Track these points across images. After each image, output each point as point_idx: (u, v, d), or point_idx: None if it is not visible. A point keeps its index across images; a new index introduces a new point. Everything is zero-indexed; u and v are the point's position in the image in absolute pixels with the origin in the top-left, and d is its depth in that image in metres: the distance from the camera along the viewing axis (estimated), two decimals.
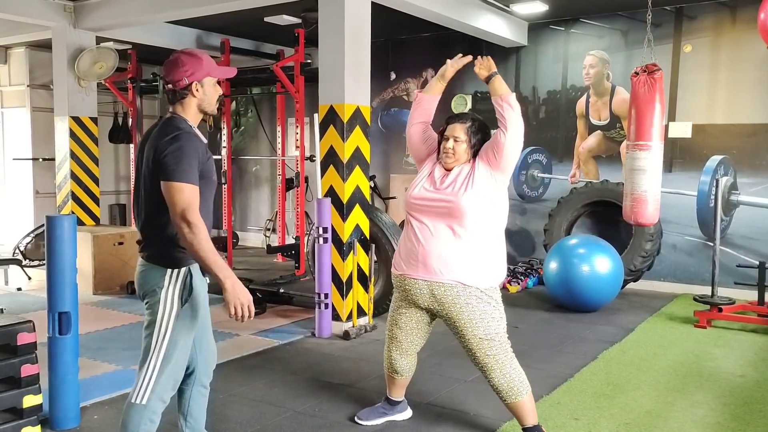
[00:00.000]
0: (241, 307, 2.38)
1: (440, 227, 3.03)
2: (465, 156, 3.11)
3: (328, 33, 5.21)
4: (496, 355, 3.04)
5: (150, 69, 9.61)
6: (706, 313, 5.51)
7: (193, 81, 2.49)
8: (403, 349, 3.33)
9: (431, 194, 3.07)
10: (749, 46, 6.47)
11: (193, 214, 2.35)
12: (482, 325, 3.02)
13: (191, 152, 2.40)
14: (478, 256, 3.01)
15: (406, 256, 3.13)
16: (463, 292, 3.01)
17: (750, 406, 3.74)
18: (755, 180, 6.60)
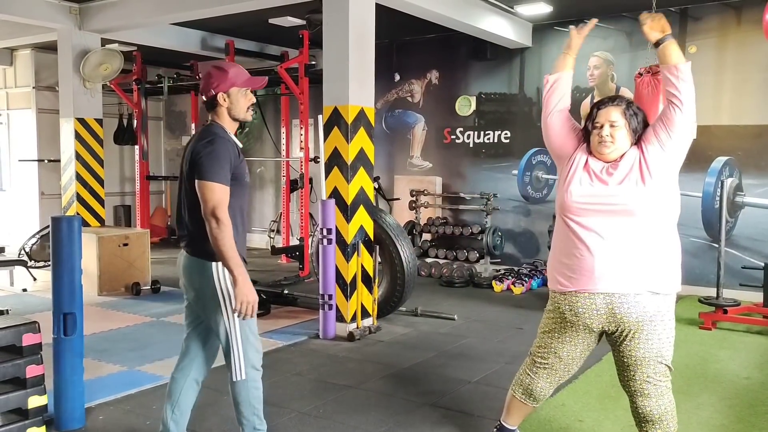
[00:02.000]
0: (246, 305, 2.61)
1: (614, 228, 2.52)
2: (626, 142, 2.60)
3: (332, 34, 5.21)
4: (659, 382, 2.65)
5: (155, 70, 9.65)
6: (711, 315, 5.50)
7: (219, 92, 2.73)
8: (555, 377, 2.84)
9: (599, 191, 2.55)
10: (754, 47, 6.45)
11: (221, 211, 2.58)
12: (657, 346, 2.61)
13: (224, 155, 2.64)
14: (662, 257, 2.58)
15: (570, 269, 2.61)
16: (651, 303, 2.56)
17: (755, 408, 3.73)
18: (761, 181, 6.58)
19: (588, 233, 2.56)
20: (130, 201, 10.67)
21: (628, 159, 2.59)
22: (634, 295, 2.53)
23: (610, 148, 2.59)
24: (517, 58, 7.88)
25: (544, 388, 2.86)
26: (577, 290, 2.61)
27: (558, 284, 2.68)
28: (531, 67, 7.84)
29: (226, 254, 2.58)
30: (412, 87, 8.66)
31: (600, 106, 2.67)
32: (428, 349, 4.87)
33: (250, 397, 2.83)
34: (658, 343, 2.61)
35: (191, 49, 8.50)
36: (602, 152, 2.61)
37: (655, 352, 2.61)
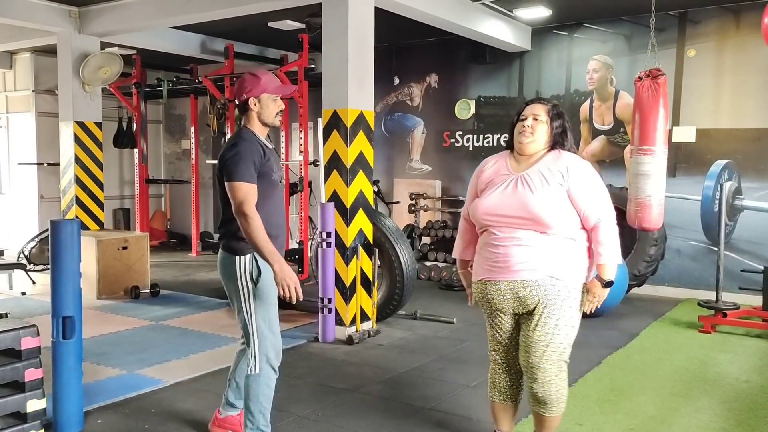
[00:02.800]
0: (288, 287, 2.78)
1: (521, 224, 2.72)
2: (544, 139, 2.80)
3: (331, 38, 5.22)
4: (547, 370, 2.79)
5: (154, 74, 9.66)
6: (711, 318, 5.49)
7: (250, 97, 2.96)
8: (514, 368, 2.99)
9: (504, 199, 2.76)
10: (753, 50, 6.46)
11: (248, 207, 2.81)
12: (552, 333, 2.77)
13: (247, 155, 2.87)
14: (566, 252, 2.74)
15: (484, 260, 2.84)
16: (551, 288, 2.72)
17: (755, 412, 3.73)
18: (760, 184, 6.58)
19: (498, 228, 2.77)
20: (129, 204, 10.67)
21: (540, 165, 2.77)
22: (535, 280, 2.73)
23: (529, 138, 2.79)
24: (517, 62, 7.89)
25: (503, 382, 3.02)
26: (484, 279, 2.84)
27: (474, 275, 2.93)
28: (530, 71, 7.85)
29: (259, 245, 2.78)
30: (412, 90, 8.67)
31: (528, 103, 2.89)
32: (427, 352, 4.87)
33: (260, 393, 2.97)
34: (554, 330, 2.77)
35: (191, 52, 8.51)
36: (522, 141, 2.81)
37: (549, 337, 2.77)
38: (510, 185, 2.77)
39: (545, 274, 2.72)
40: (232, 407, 3.29)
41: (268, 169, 2.95)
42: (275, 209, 3.01)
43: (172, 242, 10.56)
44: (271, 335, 2.99)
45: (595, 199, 2.76)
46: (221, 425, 3.31)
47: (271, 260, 2.78)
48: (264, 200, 2.92)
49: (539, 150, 2.81)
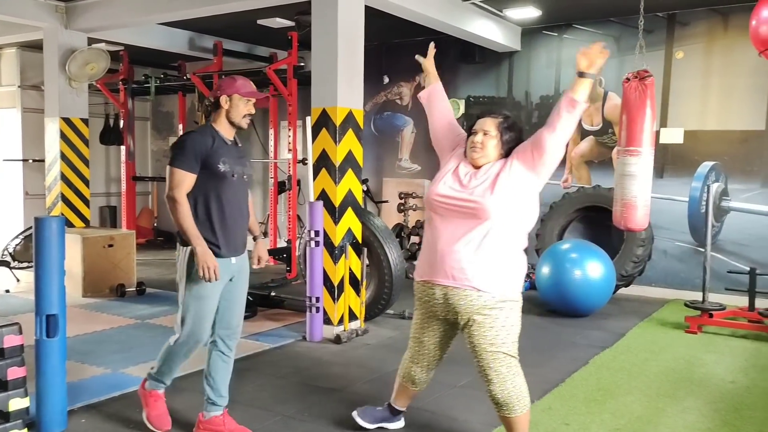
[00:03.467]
0: (207, 269, 3.00)
1: (461, 229, 2.80)
2: (494, 153, 2.88)
3: (321, 36, 5.20)
4: (498, 368, 2.88)
5: (142, 70, 9.59)
6: (697, 319, 5.52)
7: (222, 94, 3.17)
8: (424, 362, 3.18)
9: (456, 193, 2.84)
10: (741, 52, 6.50)
11: (177, 193, 3.02)
12: (490, 334, 2.85)
13: (191, 145, 3.07)
14: (498, 262, 2.81)
15: (426, 262, 2.94)
16: (477, 298, 2.81)
17: (740, 412, 3.75)
18: (746, 186, 6.63)
19: (440, 230, 2.87)
20: (115, 202, 10.58)
21: (492, 169, 2.86)
22: (464, 289, 2.82)
23: (479, 153, 2.89)
24: (506, 62, 7.90)
25: (417, 373, 3.21)
26: (423, 280, 2.96)
27: (417, 275, 3.03)
28: (520, 71, 7.86)
29: (184, 228, 3.02)
30: (401, 89, 8.66)
31: (481, 116, 2.98)
32: None
33: (166, 355, 3.26)
34: (492, 333, 2.85)
35: (179, 49, 8.45)
36: (472, 156, 2.91)
37: (489, 341, 2.86)
38: (466, 177, 2.88)
39: (470, 285, 2.81)
40: (215, 406, 3.31)
41: (215, 161, 3.08)
42: (227, 203, 3.14)
43: (159, 240, 10.49)
44: (196, 327, 3.15)
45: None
46: (206, 428, 3.30)
47: (193, 243, 3.01)
48: (212, 192, 3.10)
49: (489, 161, 2.91)
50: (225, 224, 3.13)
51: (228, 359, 3.33)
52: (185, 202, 3.03)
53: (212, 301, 3.15)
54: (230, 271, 3.19)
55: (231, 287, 3.23)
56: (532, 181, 2.83)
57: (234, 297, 3.27)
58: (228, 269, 3.16)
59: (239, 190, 3.21)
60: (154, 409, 3.37)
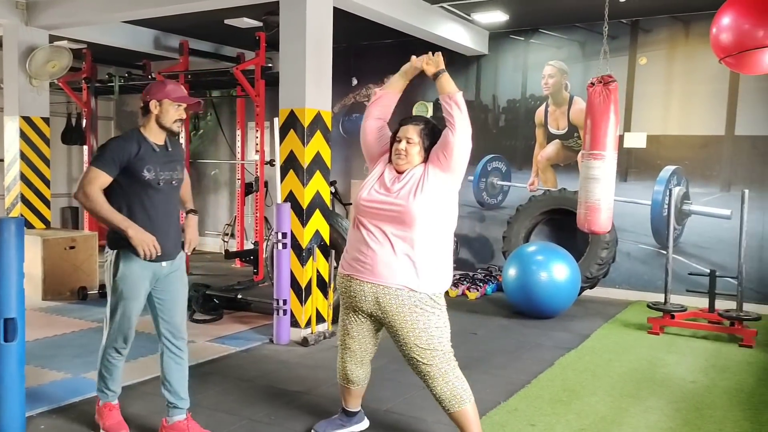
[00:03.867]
0: (146, 247, 3.02)
1: (389, 231, 2.94)
2: (417, 158, 3.01)
3: (289, 37, 5.17)
4: (438, 365, 2.97)
5: (106, 69, 9.41)
6: (659, 320, 5.63)
7: (152, 99, 3.14)
8: (357, 358, 3.24)
9: (382, 197, 2.98)
10: (702, 59, 6.65)
11: (90, 188, 3.03)
12: (425, 335, 2.95)
13: (114, 148, 3.07)
14: (426, 261, 2.93)
15: (353, 258, 3.05)
16: (408, 298, 2.92)
17: (701, 412, 3.83)
18: (706, 190, 6.78)
19: (368, 232, 2.98)
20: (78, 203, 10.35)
21: (413, 173, 2.98)
22: (395, 288, 2.92)
23: (403, 160, 3.01)
24: (474, 65, 7.96)
25: (353, 371, 3.25)
26: (351, 275, 3.03)
27: (342, 268, 3.11)
28: (487, 75, 7.92)
29: (107, 218, 3.04)
30: (370, 91, 8.65)
31: (403, 123, 3.08)
32: (382, 354, 4.82)
33: (101, 365, 3.31)
34: (426, 332, 2.95)
35: (144, 48, 8.32)
36: (396, 163, 3.03)
37: (424, 340, 2.95)
38: (391, 182, 3.00)
39: (402, 284, 2.91)
40: (177, 409, 3.31)
41: (139, 168, 3.07)
42: (154, 210, 3.14)
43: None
44: (122, 326, 3.20)
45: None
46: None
47: (123, 227, 3.02)
48: (137, 199, 3.11)
49: (413, 166, 3.02)
50: (153, 231, 3.10)
51: (181, 360, 3.33)
52: (100, 197, 3.05)
53: (138, 303, 3.18)
54: (161, 275, 3.21)
55: (167, 288, 3.25)
56: (448, 180, 2.96)
57: (172, 297, 3.28)
58: (158, 273, 3.20)
59: (168, 197, 3.22)
60: (109, 419, 3.37)
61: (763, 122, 6.49)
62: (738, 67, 4.27)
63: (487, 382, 3.13)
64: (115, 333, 3.23)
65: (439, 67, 3.04)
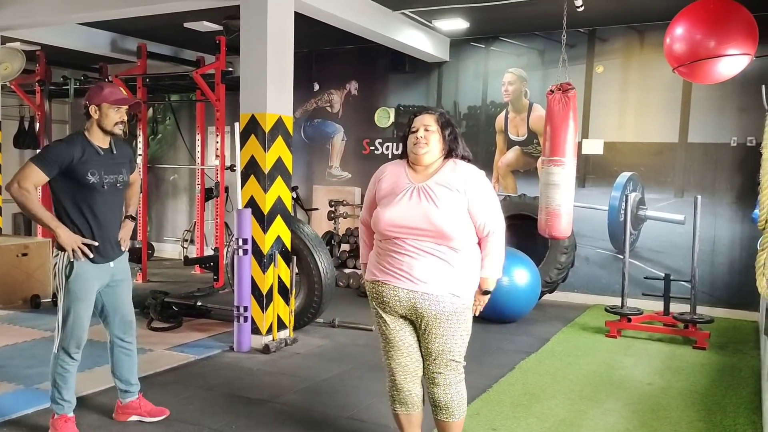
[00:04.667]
0: (75, 247, 3.13)
1: (425, 241, 2.75)
2: (438, 147, 2.84)
3: (250, 41, 5.12)
4: (447, 375, 2.87)
5: (60, 72, 9.19)
6: (617, 323, 5.74)
7: (91, 104, 3.22)
8: (410, 371, 2.94)
9: (405, 211, 2.77)
10: (656, 68, 6.83)
11: (26, 182, 3.09)
12: (460, 341, 2.85)
13: (54, 151, 3.15)
14: (465, 265, 2.80)
15: (385, 265, 2.83)
16: (451, 305, 2.77)
17: (657, 413, 3.91)
18: (661, 196, 6.95)
19: (400, 244, 2.78)
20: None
21: (441, 182, 2.80)
22: (437, 296, 2.76)
23: (424, 149, 2.82)
24: (435, 72, 8.02)
25: (411, 390, 2.97)
26: (383, 281, 2.84)
27: (371, 275, 2.91)
28: (449, 81, 7.99)
29: (36, 214, 3.14)
30: (332, 97, 8.64)
31: (417, 114, 2.92)
32: (345, 360, 4.84)
33: (55, 373, 3.29)
34: (451, 341, 2.83)
35: (100, 50, 8.14)
36: (417, 152, 2.83)
37: (447, 347, 2.83)
38: (413, 196, 2.79)
39: (447, 291, 2.76)
40: (128, 393, 3.56)
41: (83, 171, 3.15)
42: (99, 212, 3.23)
43: None
44: (76, 328, 3.23)
45: (490, 212, 2.83)
46: (124, 411, 3.58)
47: (52, 227, 3.11)
48: (83, 202, 3.18)
49: (435, 159, 2.86)
50: (99, 232, 3.23)
51: (130, 352, 3.53)
52: (34, 193, 3.13)
53: (89, 303, 3.26)
54: (109, 274, 3.33)
55: (114, 289, 3.38)
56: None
57: (120, 297, 3.42)
58: (107, 273, 3.31)
59: (112, 198, 3.31)
60: (65, 430, 3.32)
61: (715, 130, 6.69)
62: (691, 77, 4.39)
63: None
64: (69, 337, 3.24)
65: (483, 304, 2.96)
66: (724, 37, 3.99)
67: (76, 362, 3.32)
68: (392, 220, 2.78)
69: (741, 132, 6.57)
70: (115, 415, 3.59)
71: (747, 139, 6.54)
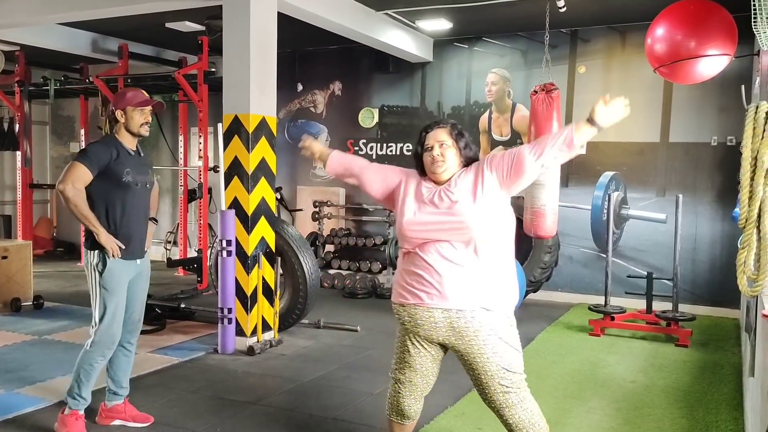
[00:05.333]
0: (114, 248, 3.25)
1: (449, 249, 2.60)
2: (455, 162, 2.69)
3: (233, 42, 5.09)
4: (519, 390, 2.67)
5: (40, 72, 9.10)
6: (600, 322, 5.78)
7: (117, 109, 3.39)
8: (418, 392, 2.87)
9: (430, 216, 2.64)
10: (637, 68, 6.88)
11: (80, 184, 3.21)
12: (508, 356, 2.64)
13: (95, 151, 3.28)
14: (496, 276, 2.64)
15: (412, 284, 2.67)
16: (486, 320, 2.60)
17: (640, 410, 3.94)
18: (643, 195, 7.02)
19: (425, 255, 2.62)
20: (10, 210, 9.95)
21: (464, 181, 2.67)
22: (470, 311, 2.59)
23: (442, 167, 2.67)
24: (419, 72, 8.02)
25: (411, 405, 2.89)
26: (416, 303, 2.66)
27: (400, 297, 2.73)
28: (432, 81, 8.00)
29: (84, 214, 3.22)
30: (315, 97, 8.62)
31: (428, 130, 2.76)
32: (331, 361, 4.82)
33: (81, 367, 3.34)
34: (502, 355, 2.63)
35: (81, 51, 8.06)
36: (436, 171, 2.68)
37: (498, 363, 2.63)
38: (435, 197, 2.67)
39: (478, 305, 2.59)
40: (116, 395, 3.56)
41: (119, 171, 3.30)
42: (132, 211, 3.38)
43: (58, 251, 9.94)
44: (111, 324, 3.32)
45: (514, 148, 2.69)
46: (108, 416, 3.56)
47: (95, 227, 3.23)
48: (117, 201, 3.32)
49: (454, 173, 2.71)
50: (129, 230, 3.36)
51: (130, 354, 3.58)
52: (84, 194, 3.23)
53: (123, 297, 3.37)
54: (137, 271, 3.45)
55: (134, 286, 3.47)
56: (502, 193, 2.68)
57: (136, 295, 3.50)
58: (135, 269, 3.43)
59: (142, 198, 3.47)
60: (74, 428, 3.37)
61: (696, 130, 6.76)
62: (672, 77, 4.43)
63: (435, 387, 3.11)
64: (105, 336, 3.32)
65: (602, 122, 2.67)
66: (704, 37, 4.04)
67: (106, 360, 3.40)
68: (413, 221, 2.67)
69: (721, 131, 6.65)
70: (98, 419, 3.56)
71: (727, 139, 6.62)
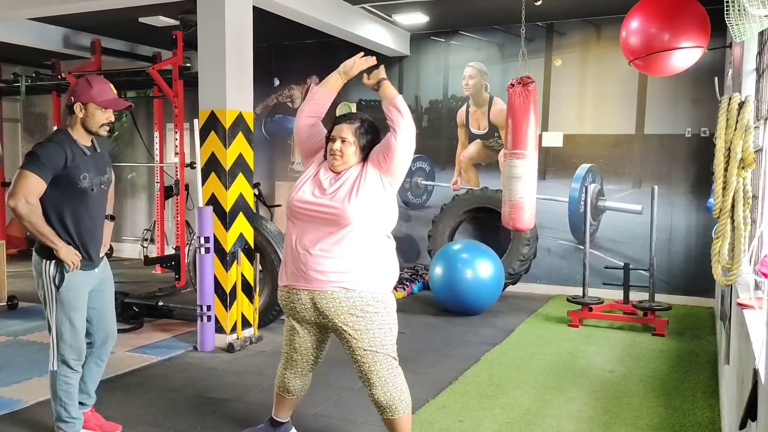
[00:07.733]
0: (74, 260, 2.98)
1: (322, 233, 2.81)
2: (354, 158, 2.91)
3: (208, 36, 5.04)
4: (379, 371, 2.88)
5: (11, 69, 8.93)
6: (578, 313, 5.83)
7: (77, 102, 3.00)
8: (299, 369, 3.13)
9: (315, 199, 2.86)
10: (613, 61, 6.94)
11: (33, 198, 2.89)
12: (367, 337, 2.84)
13: (49, 152, 2.92)
14: (363, 260, 2.82)
15: (289, 267, 2.91)
16: (345, 300, 2.81)
17: (619, 400, 3.99)
18: (619, 186, 7.09)
19: (301, 235, 2.87)
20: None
21: (349, 175, 2.89)
22: (330, 291, 2.81)
23: (339, 161, 2.90)
24: (396, 66, 8.01)
25: (291, 380, 3.15)
26: (288, 285, 2.92)
27: (281, 279, 2.99)
28: (409, 75, 8.00)
29: (41, 231, 2.92)
30: (292, 92, 8.57)
31: (337, 122, 2.99)
32: None
33: (58, 389, 3.11)
34: (368, 334, 2.85)
35: (52, 47, 7.92)
36: (332, 163, 2.92)
37: (366, 343, 2.86)
38: (327, 183, 2.89)
39: (339, 285, 2.80)
40: (83, 405, 3.35)
41: (74, 176, 2.98)
42: (85, 218, 3.07)
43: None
44: (71, 338, 3.08)
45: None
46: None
47: (52, 245, 2.94)
48: (71, 207, 3.01)
49: (350, 166, 2.93)
50: (87, 237, 3.10)
51: (102, 363, 3.39)
52: (39, 207, 2.94)
53: (84, 312, 3.14)
54: (96, 280, 3.20)
55: (99, 295, 3.24)
56: (386, 182, 2.88)
57: (104, 303, 3.29)
58: (93, 278, 3.18)
59: (100, 203, 3.19)
60: None
61: (670, 122, 6.84)
62: (646, 69, 4.47)
63: (415, 380, 3.14)
64: (68, 350, 3.09)
65: (379, 77, 3.03)
66: (678, 30, 4.07)
67: (79, 373, 3.18)
68: (298, 197, 2.90)
69: (695, 123, 6.74)
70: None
71: (701, 130, 6.71)
